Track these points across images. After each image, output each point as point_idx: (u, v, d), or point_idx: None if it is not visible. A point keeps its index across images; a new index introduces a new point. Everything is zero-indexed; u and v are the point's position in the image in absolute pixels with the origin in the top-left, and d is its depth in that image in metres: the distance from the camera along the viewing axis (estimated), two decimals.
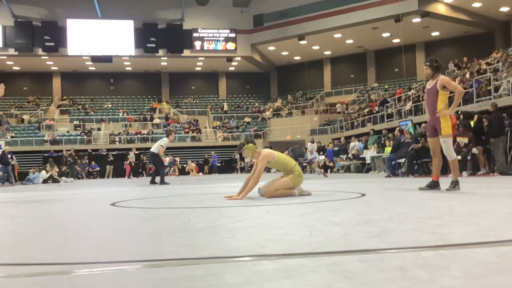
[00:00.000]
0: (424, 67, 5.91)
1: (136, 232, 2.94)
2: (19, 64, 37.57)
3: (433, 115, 5.76)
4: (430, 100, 5.84)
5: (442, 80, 5.69)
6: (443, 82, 5.67)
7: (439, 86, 5.68)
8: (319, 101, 38.07)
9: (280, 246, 2.18)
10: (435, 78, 5.79)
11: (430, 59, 5.89)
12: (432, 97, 5.79)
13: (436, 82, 5.73)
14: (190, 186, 10.60)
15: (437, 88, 5.70)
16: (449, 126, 5.66)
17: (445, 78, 5.75)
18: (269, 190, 5.49)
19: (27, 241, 2.75)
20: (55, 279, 1.76)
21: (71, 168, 24.54)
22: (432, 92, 5.80)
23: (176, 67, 39.98)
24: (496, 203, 4.02)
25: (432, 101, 5.78)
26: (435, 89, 5.72)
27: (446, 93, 5.72)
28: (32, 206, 5.86)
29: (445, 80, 5.70)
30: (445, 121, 5.66)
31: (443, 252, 1.94)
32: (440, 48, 33.94)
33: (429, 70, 5.83)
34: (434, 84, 5.77)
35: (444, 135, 5.65)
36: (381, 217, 3.18)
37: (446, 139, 5.66)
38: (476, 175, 10.77)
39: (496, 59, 21.72)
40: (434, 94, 5.74)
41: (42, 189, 12.07)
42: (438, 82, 5.71)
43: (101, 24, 34.19)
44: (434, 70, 5.80)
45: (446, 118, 5.66)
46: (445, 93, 5.71)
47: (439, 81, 5.70)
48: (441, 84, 5.68)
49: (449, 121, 5.67)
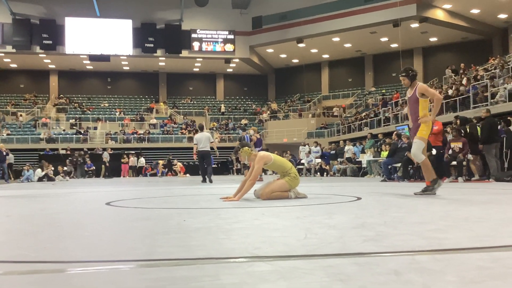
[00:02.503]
0: (401, 78, 5.93)
1: (131, 232, 2.93)
2: (16, 62, 37.48)
3: (415, 122, 5.83)
4: (411, 108, 5.92)
5: (420, 88, 5.75)
6: (421, 90, 5.73)
7: (418, 94, 5.74)
8: (316, 104, 38.13)
9: (275, 248, 2.18)
10: (414, 86, 5.84)
11: (405, 69, 5.93)
12: (412, 105, 5.86)
13: (415, 90, 5.79)
14: (185, 187, 10.58)
15: (416, 96, 5.76)
16: (426, 131, 5.72)
17: (423, 86, 5.79)
18: (265, 192, 5.49)
19: (21, 239, 2.73)
20: (49, 277, 1.75)
21: (81, 167, 24.68)
22: (412, 100, 5.87)
23: (174, 68, 39.98)
24: (491, 209, 4.03)
25: (414, 109, 5.85)
26: (415, 97, 5.79)
27: (426, 100, 5.77)
28: (26, 204, 5.84)
29: (423, 88, 5.75)
30: (425, 127, 5.72)
31: (438, 256, 1.94)
32: (437, 54, 34.07)
33: (406, 80, 5.88)
34: (413, 93, 5.83)
35: (418, 137, 5.71)
36: (377, 221, 3.18)
37: (418, 140, 5.72)
38: (471, 181, 10.80)
39: (493, 66, 21.81)
40: (415, 102, 5.80)
41: (37, 187, 12.03)
42: (416, 90, 5.77)
43: (99, 23, 34.15)
44: (411, 79, 5.85)
45: (428, 124, 5.71)
46: (425, 100, 5.75)
47: (418, 89, 5.76)
48: (419, 92, 5.73)
49: (429, 128, 5.75)
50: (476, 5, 27.09)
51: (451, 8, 28.00)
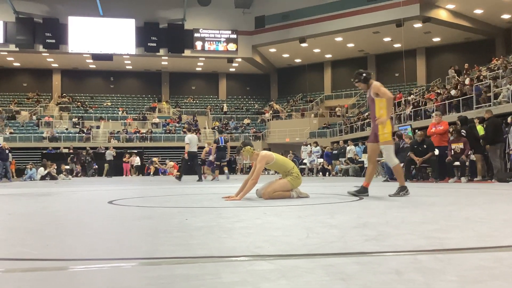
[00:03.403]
0: (356, 84, 5.89)
1: (133, 231, 2.94)
2: (19, 60, 37.55)
3: (373, 121, 5.78)
4: (370, 109, 5.89)
5: (373, 88, 5.70)
6: (375, 90, 5.68)
7: (373, 94, 5.68)
8: (319, 104, 38.11)
9: (276, 247, 2.18)
10: (369, 87, 5.77)
11: (356, 74, 5.89)
12: (370, 105, 5.83)
13: (369, 91, 5.75)
14: (187, 186, 10.59)
15: (372, 96, 5.71)
16: (387, 133, 5.61)
17: (376, 85, 5.70)
18: (267, 191, 5.49)
19: (23, 237, 2.74)
20: (51, 275, 1.76)
21: (89, 166, 24.85)
22: (369, 100, 5.84)
23: (176, 67, 40.00)
24: (493, 210, 4.02)
25: (372, 109, 5.80)
26: (371, 97, 5.74)
27: (382, 100, 5.62)
28: (29, 202, 5.85)
29: (376, 87, 5.68)
30: (383, 128, 5.60)
31: (440, 256, 1.94)
32: (440, 54, 34.01)
33: (362, 85, 5.84)
34: (369, 93, 5.78)
35: (383, 142, 5.62)
36: (378, 220, 3.18)
37: (385, 146, 5.63)
38: (473, 181, 10.78)
39: (496, 66, 21.76)
40: (371, 102, 5.75)
41: (39, 186, 12.06)
42: (371, 90, 5.72)
43: (102, 22, 34.20)
44: (364, 81, 5.79)
45: (384, 124, 5.60)
46: (380, 99, 5.63)
47: (372, 89, 5.71)
48: (374, 92, 5.68)
49: (388, 128, 5.61)
50: (479, 5, 27.02)
51: (454, 8, 27.93)
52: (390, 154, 5.62)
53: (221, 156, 15.33)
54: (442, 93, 21.78)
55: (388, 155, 5.63)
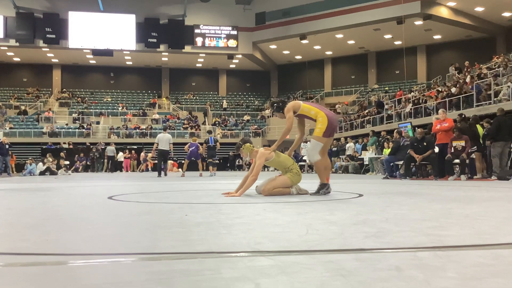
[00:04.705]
0: (275, 116, 5.88)
1: (132, 226, 2.94)
2: (19, 56, 37.51)
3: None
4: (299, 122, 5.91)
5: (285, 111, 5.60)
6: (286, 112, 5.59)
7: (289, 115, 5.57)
8: (319, 101, 38.06)
9: (276, 244, 2.18)
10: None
11: (270, 105, 5.90)
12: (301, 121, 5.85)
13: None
14: (187, 182, 10.60)
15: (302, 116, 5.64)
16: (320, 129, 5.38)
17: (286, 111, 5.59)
18: (267, 188, 5.49)
19: (23, 231, 2.74)
20: (51, 269, 1.76)
21: (98, 161, 24.97)
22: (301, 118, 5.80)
23: (176, 63, 39.96)
24: (493, 207, 4.02)
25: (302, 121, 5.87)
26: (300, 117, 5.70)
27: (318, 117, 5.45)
28: (28, 197, 5.85)
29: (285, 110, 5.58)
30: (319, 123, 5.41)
31: (439, 253, 1.94)
32: (441, 52, 33.98)
33: (278, 114, 5.75)
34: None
35: (313, 136, 5.46)
36: (378, 217, 3.18)
37: (313, 140, 5.46)
38: (473, 179, 10.78)
39: (497, 64, 21.74)
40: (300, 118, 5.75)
41: (39, 181, 12.06)
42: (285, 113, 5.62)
43: (103, 18, 34.15)
44: (280, 110, 5.68)
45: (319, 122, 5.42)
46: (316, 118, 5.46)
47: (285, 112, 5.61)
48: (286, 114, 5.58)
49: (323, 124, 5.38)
50: (480, 3, 26.97)
51: (455, 5, 27.89)
52: (314, 148, 5.42)
53: (212, 155, 16.64)
54: (442, 91, 21.77)
55: (312, 149, 5.46)
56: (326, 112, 5.54)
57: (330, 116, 5.50)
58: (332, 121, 5.45)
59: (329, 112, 5.60)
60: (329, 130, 5.40)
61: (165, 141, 15.53)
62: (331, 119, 5.45)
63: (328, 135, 5.43)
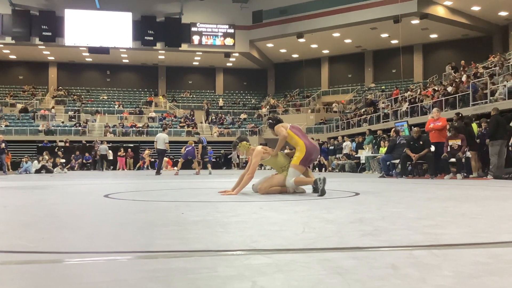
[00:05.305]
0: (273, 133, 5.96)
1: (128, 224, 2.93)
2: (15, 53, 37.35)
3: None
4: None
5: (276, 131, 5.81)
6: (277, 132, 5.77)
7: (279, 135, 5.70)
8: (316, 100, 38.09)
9: (273, 242, 2.18)
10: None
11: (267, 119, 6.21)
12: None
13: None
14: (183, 180, 10.59)
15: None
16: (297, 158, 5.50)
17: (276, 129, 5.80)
18: (263, 186, 5.50)
19: (19, 229, 2.73)
20: (47, 267, 1.75)
21: (101, 160, 24.98)
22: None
23: (173, 61, 39.88)
24: (489, 206, 4.04)
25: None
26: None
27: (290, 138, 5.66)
28: (24, 195, 5.83)
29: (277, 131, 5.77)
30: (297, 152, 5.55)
31: (435, 251, 1.94)
32: (438, 51, 34.04)
33: (271, 131, 6.01)
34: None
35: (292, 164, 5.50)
36: (374, 216, 3.18)
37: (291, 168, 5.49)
38: (469, 178, 10.81)
39: (493, 63, 21.79)
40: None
41: (35, 179, 12.02)
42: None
43: (99, 15, 34.02)
44: (272, 127, 5.92)
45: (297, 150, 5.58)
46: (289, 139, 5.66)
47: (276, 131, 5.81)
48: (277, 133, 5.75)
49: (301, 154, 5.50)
50: (476, 2, 27.03)
51: (452, 5, 27.94)
52: (291, 175, 5.46)
53: (205, 154, 17.95)
54: (439, 90, 21.81)
55: (289, 176, 5.47)
56: (307, 142, 5.64)
57: (310, 148, 5.59)
58: (310, 152, 5.57)
59: (310, 143, 5.69)
60: (305, 160, 5.53)
61: (161, 141, 16.09)
62: (310, 150, 5.56)
63: (304, 164, 5.57)
